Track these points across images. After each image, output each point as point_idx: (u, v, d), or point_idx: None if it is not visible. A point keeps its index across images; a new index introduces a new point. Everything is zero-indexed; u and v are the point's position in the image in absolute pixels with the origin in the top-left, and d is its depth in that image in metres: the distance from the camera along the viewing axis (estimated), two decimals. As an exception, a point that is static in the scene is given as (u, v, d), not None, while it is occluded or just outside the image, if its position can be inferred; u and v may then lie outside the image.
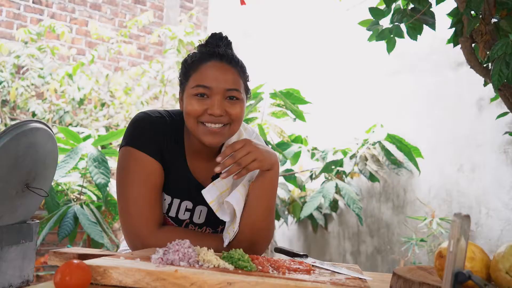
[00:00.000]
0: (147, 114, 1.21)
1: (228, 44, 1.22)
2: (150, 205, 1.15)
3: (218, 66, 1.15)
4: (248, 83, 1.23)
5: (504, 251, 0.73)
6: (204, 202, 1.22)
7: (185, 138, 1.24)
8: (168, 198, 1.22)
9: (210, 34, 1.23)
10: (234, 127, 1.17)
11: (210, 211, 1.24)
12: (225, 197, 1.17)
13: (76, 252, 0.98)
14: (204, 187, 1.20)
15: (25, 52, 3.45)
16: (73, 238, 2.37)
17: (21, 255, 1.16)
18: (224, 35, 1.23)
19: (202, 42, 1.23)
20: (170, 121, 1.23)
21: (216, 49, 1.17)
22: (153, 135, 1.18)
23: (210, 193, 1.17)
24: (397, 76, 3.00)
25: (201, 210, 1.25)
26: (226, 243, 1.15)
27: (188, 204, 1.24)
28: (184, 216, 1.24)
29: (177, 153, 1.22)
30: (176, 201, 1.23)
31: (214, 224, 1.27)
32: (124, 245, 1.35)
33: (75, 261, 0.73)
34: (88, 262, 0.79)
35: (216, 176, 1.24)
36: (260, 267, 0.87)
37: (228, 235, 1.15)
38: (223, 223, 1.26)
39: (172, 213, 1.23)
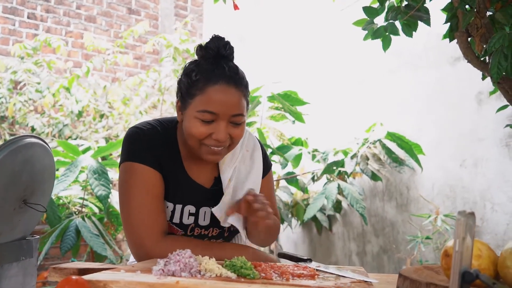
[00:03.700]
0: (138, 127, 1.22)
1: (231, 50, 1.18)
2: (153, 214, 1.16)
3: (226, 89, 1.11)
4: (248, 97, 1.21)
5: (512, 247, 0.72)
6: (207, 204, 1.24)
7: (179, 144, 1.25)
8: (170, 205, 1.22)
9: (211, 37, 1.17)
10: (233, 146, 1.20)
11: None
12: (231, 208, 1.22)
13: (76, 267, 0.96)
14: (204, 188, 1.25)
15: (22, 67, 3.45)
16: (76, 252, 2.36)
17: (22, 272, 1.14)
18: (226, 40, 1.17)
19: (202, 44, 1.17)
20: (162, 129, 1.24)
21: (223, 71, 1.13)
22: (148, 146, 1.19)
23: (220, 210, 1.21)
24: (395, 74, 2.99)
25: (205, 212, 1.26)
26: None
27: (191, 208, 1.24)
28: (188, 220, 1.24)
29: (174, 159, 1.23)
30: (179, 207, 1.23)
31: (219, 224, 1.27)
32: (133, 258, 1.34)
33: (74, 277, 0.72)
34: (87, 277, 0.77)
35: (218, 178, 1.28)
36: (263, 274, 0.86)
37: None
38: None
39: (176, 220, 1.23)
